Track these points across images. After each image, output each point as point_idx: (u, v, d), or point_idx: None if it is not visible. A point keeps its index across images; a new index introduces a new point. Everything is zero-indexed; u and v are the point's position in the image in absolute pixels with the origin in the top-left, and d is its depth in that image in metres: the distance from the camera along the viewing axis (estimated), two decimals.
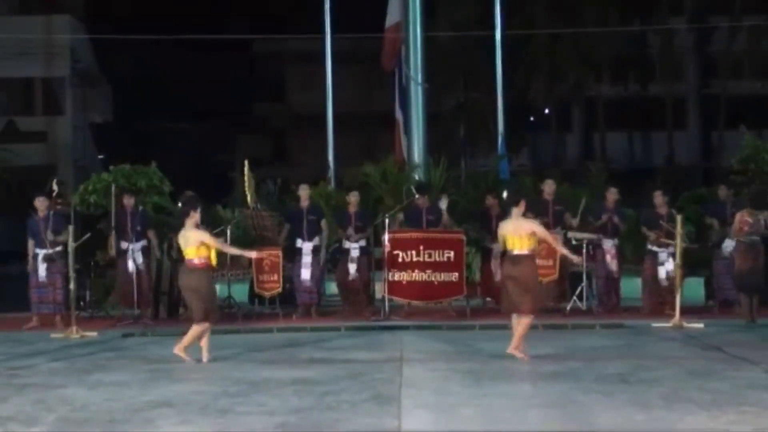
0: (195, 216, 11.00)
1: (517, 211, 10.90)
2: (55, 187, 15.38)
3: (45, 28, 37.26)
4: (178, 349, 10.83)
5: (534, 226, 10.93)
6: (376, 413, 7.81)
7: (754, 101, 39.80)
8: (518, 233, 10.77)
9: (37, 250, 14.68)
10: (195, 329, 10.86)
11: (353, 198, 15.56)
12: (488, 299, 15.63)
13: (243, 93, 45.23)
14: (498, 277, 15.27)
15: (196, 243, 10.84)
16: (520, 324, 10.75)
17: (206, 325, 10.88)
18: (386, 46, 23.67)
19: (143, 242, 15.10)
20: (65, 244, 14.13)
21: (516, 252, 10.78)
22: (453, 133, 37.77)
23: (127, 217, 15.10)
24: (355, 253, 15.18)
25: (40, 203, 14.72)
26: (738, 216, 13.81)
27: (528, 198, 11.60)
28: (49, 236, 14.55)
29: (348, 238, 15.20)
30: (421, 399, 8.41)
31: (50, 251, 14.62)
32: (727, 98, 40.17)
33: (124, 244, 15.06)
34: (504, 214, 12.16)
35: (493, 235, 15.04)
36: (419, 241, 14.99)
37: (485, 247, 15.56)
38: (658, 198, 15.10)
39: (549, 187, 15.73)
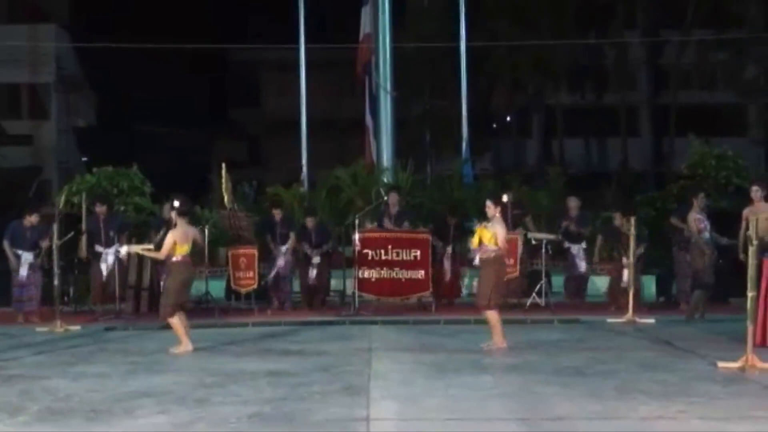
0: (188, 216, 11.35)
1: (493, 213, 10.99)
2: (58, 200, 15.41)
3: (31, 36, 36.95)
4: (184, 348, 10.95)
5: (499, 229, 10.98)
6: (346, 403, 7.80)
7: (702, 110, 40.15)
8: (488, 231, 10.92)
9: (20, 251, 14.67)
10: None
11: (310, 222, 15.76)
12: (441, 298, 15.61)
13: (220, 99, 45.11)
14: (448, 276, 15.57)
15: (191, 239, 11.09)
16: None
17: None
18: (360, 55, 23.73)
19: (116, 246, 14.99)
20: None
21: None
22: (419, 139, 37.73)
23: (100, 224, 15.04)
24: (315, 260, 15.52)
25: (34, 219, 14.69)
26: (691, 216, 13.83)
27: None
28: (42, 244, 14.58)
29: (307, 252, 15.52)
30: (389, 390, 8.40)
31: (31, 256, 14.66)
32: (677, 107, 40.46)
33: (98, 248, 15.02)
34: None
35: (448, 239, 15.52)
36: (388, 240, 15.09)
37: (434, 247, 15.62)
38: (618, 219, 15.10)
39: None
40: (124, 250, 11.68)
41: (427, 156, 35.34)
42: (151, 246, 12.03)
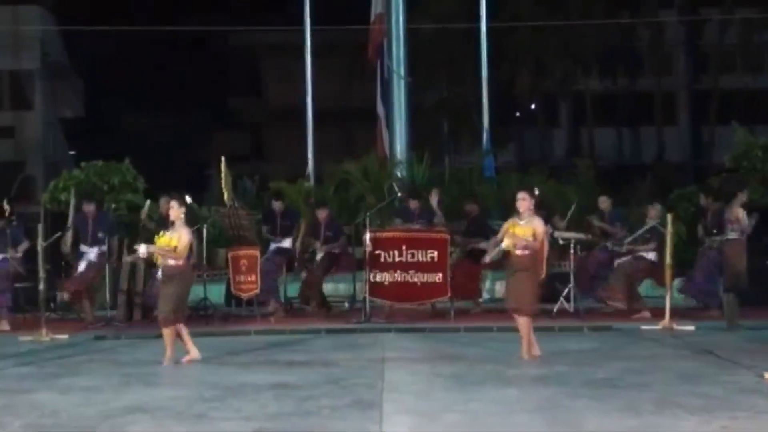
0: None
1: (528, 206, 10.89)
2: (6, 206, 15.47)
3: (13, 19, 37.04)
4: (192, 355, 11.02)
5: (538, 224, 10.90)
6: (357, 419, 7.80)
7: (746, 96, 39.99)
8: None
9: None
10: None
11: (322, 214, 15.71)
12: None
13: (219, 87, 45.15)
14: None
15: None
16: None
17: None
18: (372, 37, 23.75)
19: (103, 247, 14.98)
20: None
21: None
22: (436, 129, 37.81)
23: (88, 222, 15.06)
24: (318, 255, 15.53)
25: None
26: (739, 212, 13.72)
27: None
28: (11, 252, 14.72)
29: (317, 249, 15.52)
30: (404, 404, 8.39)
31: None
32: (719, 93, 40.34)
33: (83, 247, 15.05)
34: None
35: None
36: (402, 240, 14.94)
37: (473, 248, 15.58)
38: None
39: None
40: (143, 249, 11.62)
41: (445, 148, 35.37)
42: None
